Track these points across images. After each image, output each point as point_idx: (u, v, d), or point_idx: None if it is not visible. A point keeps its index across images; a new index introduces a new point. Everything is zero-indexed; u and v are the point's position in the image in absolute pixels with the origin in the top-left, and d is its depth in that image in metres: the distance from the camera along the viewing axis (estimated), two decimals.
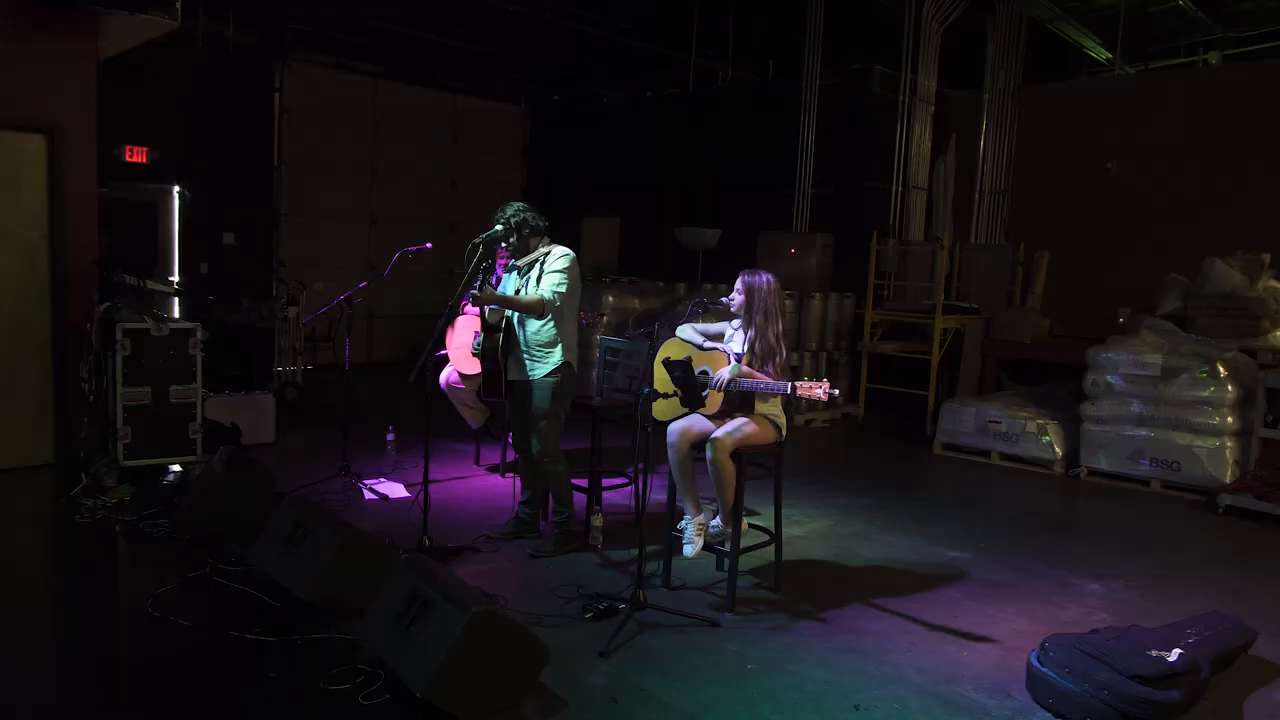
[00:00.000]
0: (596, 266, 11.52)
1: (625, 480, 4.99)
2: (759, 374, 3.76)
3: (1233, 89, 8.53)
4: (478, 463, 6.19)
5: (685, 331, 4.12)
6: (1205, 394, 6.31)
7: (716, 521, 3.84)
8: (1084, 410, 6.81)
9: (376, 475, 5.73)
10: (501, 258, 5.90)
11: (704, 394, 3.74)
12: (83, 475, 5.06)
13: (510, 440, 6.11)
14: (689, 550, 3.79)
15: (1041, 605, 4.11)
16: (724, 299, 3.89)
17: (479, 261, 4.22)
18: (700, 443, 3.80)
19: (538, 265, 4.33)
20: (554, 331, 4.31)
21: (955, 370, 8.57)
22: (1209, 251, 7.69)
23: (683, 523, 3.88)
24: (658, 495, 5.36)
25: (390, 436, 6.46)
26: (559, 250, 4.34)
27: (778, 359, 3.80)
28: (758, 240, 9.89)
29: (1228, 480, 6.17)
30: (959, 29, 9.69)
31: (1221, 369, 6.31)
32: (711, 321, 4.05)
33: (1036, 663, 3.15)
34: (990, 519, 5.66)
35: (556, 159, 12.56)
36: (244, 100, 9.66)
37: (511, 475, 5.92)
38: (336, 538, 3.51)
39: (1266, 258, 7.46)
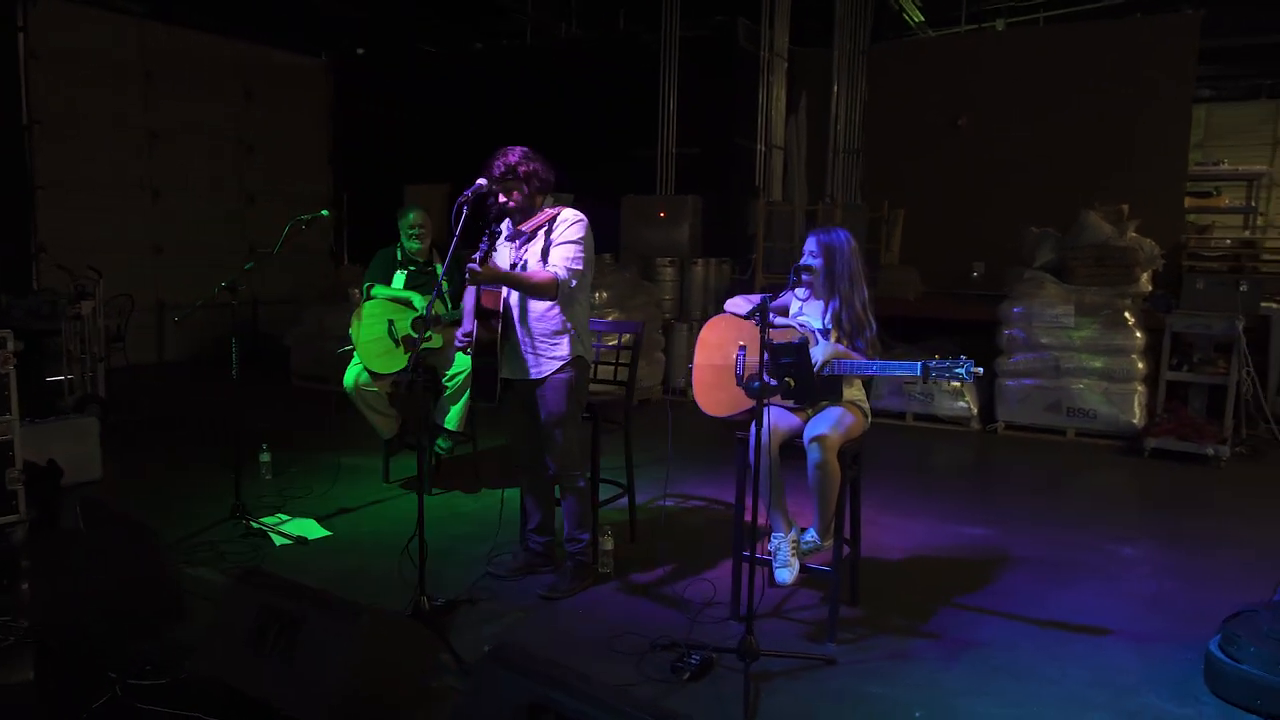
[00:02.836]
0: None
1: (621, 490, 4.16)
2: (854, 353, 3.12)
3: (1075, 46, 8.90)
4: (388, 480, 5.05)
5: (738, 305, 3.37)
6: (1116, 341, 6.46)
7: (810, 535, 3.17)
8: (998, 365, 6.79)
9: (267, 510, 4.46)
10: (414, 230, 4.83)
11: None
12: None
13: (422, 447, 5.07)
14: (786, 576, 3.09)
15: (1110, 581, 3.83)
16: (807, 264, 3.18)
17: (471, 224, 3.21)
18: (784, 444, 3.11)
19: (542, 232, 3.39)
20: (562, 317, 3.41)
21: None
22: (1058, 205, 7.97)
23: (773, 542, 3.17)
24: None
25: (265, 457, 5.15)
26: (570, 214, 3.42)
27: (868, 333, 3.18)
28: (621, 205, 9.18)
29: (1137, 424, 6.37)
30: None
31: (1128, 316, 6.49)
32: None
33: (1227, 658, 2.79)
34: (969, 487, 5.46)
35: (369, 118, 11.05)
36: None
37: (439, 491, 4.90)
38: (356, 627, 2.45)
39: (1126, 208, 7.83)
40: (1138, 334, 6.44)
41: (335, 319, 8.00)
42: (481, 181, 3.32)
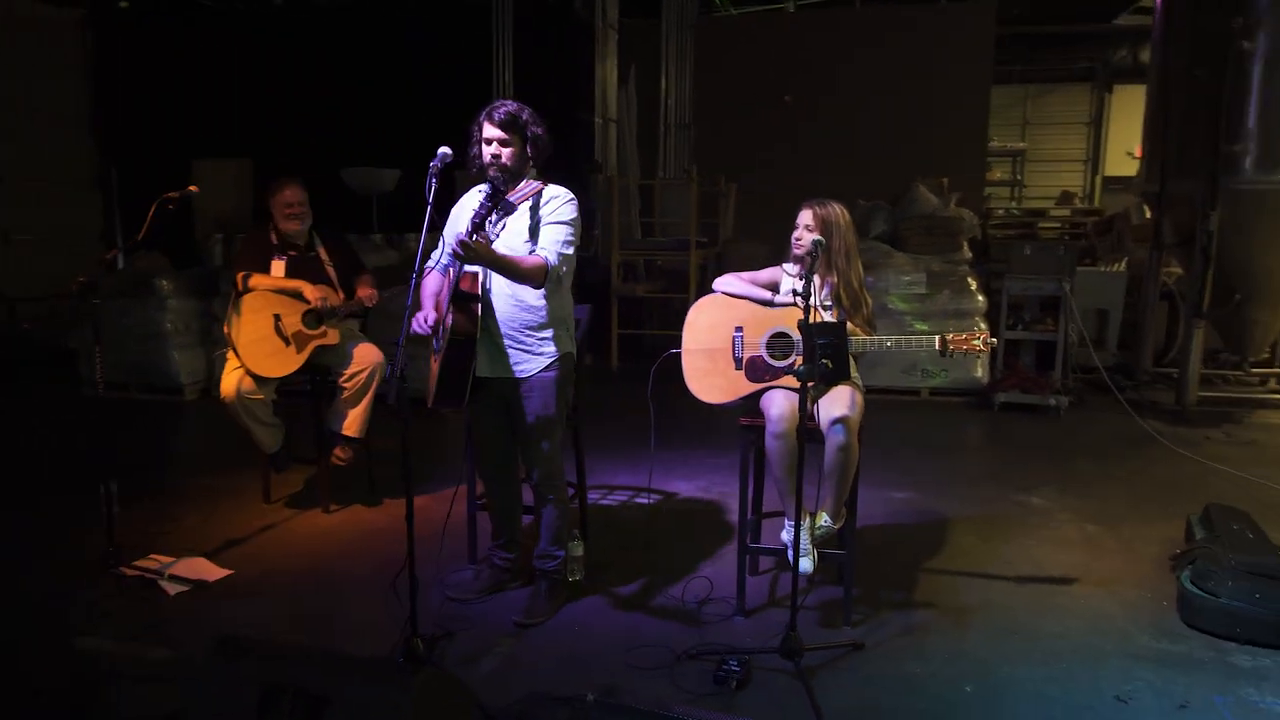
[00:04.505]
0: (222, 222, 9.15)
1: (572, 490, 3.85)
2: (862, 331, 3.03)
3: (888, 27, 9.42)
4: (269, 500, 4.40)
5: (731, 284, 3.20)
6: (963, 305, 6.93)
7: (825, 521, 3.05)
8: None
9: (137, 551, 3.72)
10: (292, 209, 4.17)
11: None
12: None
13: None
14: (808, 565, 2.96)
15: (1039, 531, 4.06)
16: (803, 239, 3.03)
17: (438, 192, 2.79)
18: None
19: (527, 207, 3.00)
20: (550, 307, 3.04)
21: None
22: (879, 179, 8.46)
23: (787, 532, 3.02)
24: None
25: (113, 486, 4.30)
26: (562, 190, 3.05)
27: (865, 309, 3.10)
28: (456, 180, 8.62)
29: (981, 379, 6.88)
30: None
31: (971, 281, 6.98)
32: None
33: (1204, 592, 3.02)
34: (867, 451, 5.55)
35: (140, 83, 9.63)
36: None
37: (337, 508, 4.33)
38: (407, 695, 2.02)
39: (946, 181, 8.43)
40: (979, 297, 6.95)
41: (139, 316, 6.92)
42: (447, 150, 2.89)
